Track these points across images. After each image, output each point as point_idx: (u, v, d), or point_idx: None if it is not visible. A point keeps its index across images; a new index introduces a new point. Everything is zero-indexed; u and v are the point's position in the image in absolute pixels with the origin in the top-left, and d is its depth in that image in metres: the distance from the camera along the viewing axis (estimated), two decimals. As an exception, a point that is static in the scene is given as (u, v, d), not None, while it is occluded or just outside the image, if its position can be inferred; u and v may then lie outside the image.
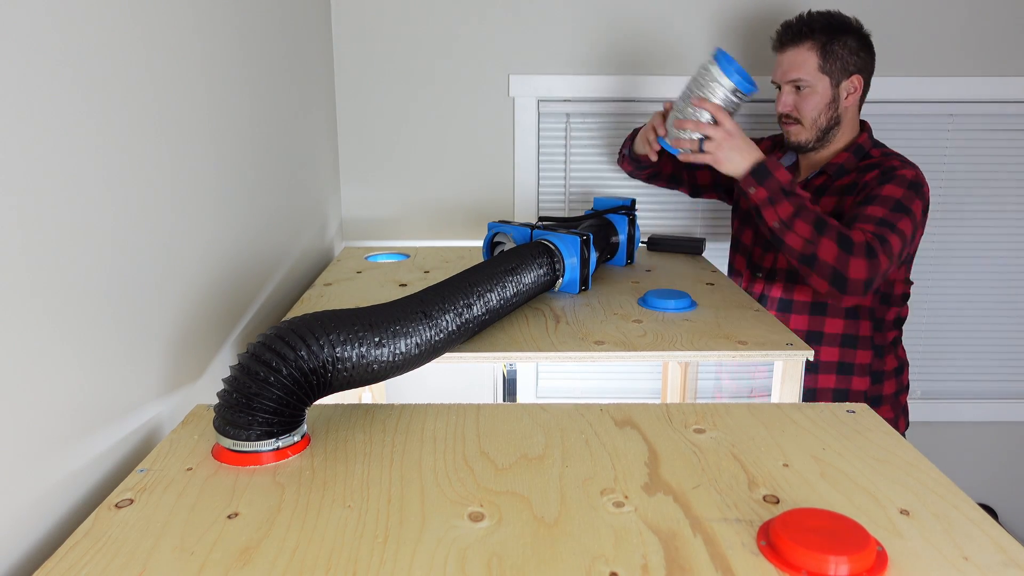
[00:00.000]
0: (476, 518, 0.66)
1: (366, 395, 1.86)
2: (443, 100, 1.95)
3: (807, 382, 1.53)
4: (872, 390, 1.52)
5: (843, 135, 1.51)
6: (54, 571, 0.59)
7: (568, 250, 1.28)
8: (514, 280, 1.10)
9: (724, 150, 1.37)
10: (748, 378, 1.94)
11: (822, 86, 1.46)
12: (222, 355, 1.12)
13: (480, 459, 0.77)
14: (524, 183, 1.99)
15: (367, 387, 1.80)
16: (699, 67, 1.51)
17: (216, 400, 0.97)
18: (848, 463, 0.76)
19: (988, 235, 2.04)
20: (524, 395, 2.15)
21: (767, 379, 1.86)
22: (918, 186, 1.37)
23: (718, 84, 1.36)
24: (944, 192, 2.01)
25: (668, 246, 1.74)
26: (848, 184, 1.46)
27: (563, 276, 1.28)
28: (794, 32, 1.47)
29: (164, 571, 0.59)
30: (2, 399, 0.62)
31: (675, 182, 1.77)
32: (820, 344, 1.51)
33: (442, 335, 0.91)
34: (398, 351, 0.84)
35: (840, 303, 1.33)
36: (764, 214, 1.35)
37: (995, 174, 2.01)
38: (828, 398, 1.52)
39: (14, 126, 0.63)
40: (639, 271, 1.54)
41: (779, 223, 1.33)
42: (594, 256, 1.33)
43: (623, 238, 1.55)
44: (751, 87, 1.37)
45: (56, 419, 0.70)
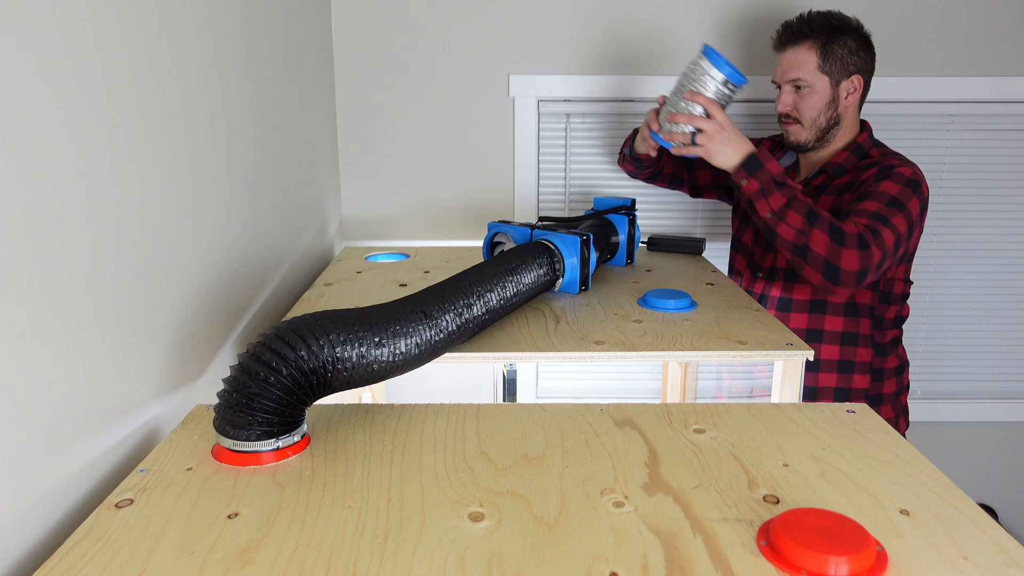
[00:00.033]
0: (476, 518, 0.66)
1: (366, 395, 1.86)
2: (443, 100, 1.95)
3: (808, 381, 1.53)
4: (873, 388, 1.52)
5: (843, 135, 1.51)
6: (54, 571, 0.59)
7: (568, 250, 1.28)
8: (514, 280, 1.10)
9: (716, 142, 1.37)
10: (750, 377, 1.94)
11: (821, 86, 1.46)
12: (222, 355, 1.12)
13: (480, 459, 0.77)
14: (524, 183, 1.99)
15: (367, 387, 1.80)
16: (689, 63, 1.52)
17: (216, 400, 0.97)
18: (848, 463, 0.76)
19: (988, 235, 2.04)
20: (524, 395, 2.15)
21: (768, 379, 1.86)
22: (916, 184, 1.37)
23: (709, 77, 1.38)
24: (944, 192, 2.01)
25: (668, 246, 1.74)
26: (847, 183, 1.46)
27: (563, 276, 1.28)
28: (794, 32, 1.47)
29: (164, 571, 0.59)
30: (2, 399, 0.62)
31: (676, 182, 1.77)
32: (820, 342, 1.51)
33: (442, 335, 0.91)
34: (398, 351, 0.84)
35: (835, 295, 1.33)
36: (756, 206, 1.36)
37: (995, 174, 2.01)
38: (829, 396, 1.52)
39: (14, 126, 0.63)
40: (639, 271, 1.54)
41: (771, 214, 1.34)
42: (594, 256, 1.33)
43: (623, 238, 1.55)
44: (742, 78, 1.38)
45: (56, 419, 0.70)
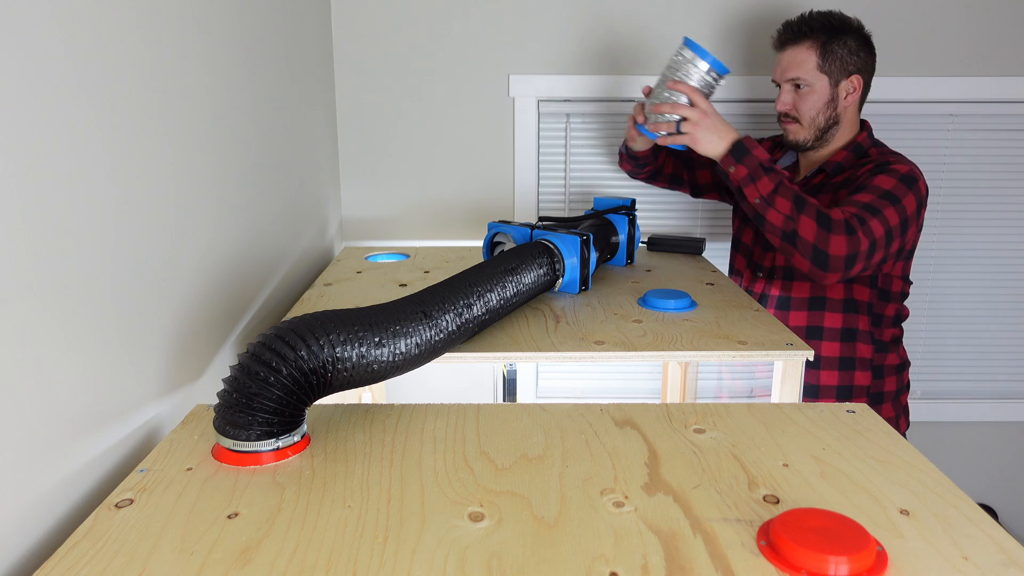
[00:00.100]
0: (476, 518, 0.66)
1: (366, 395, 1.86)
2: (443, 100, 1.95)
3: (811, 379, 1.53)
4: (875, 385, 1.52)
5: (842, 134, 1.51)
6: (54, 571, 0.59)
7: (568, 250, 1.28)
8: (514, 280, 1.10)
9: (700, 130, 1.38)
10: (750, 377, 1.94)
11: (820, 85, 1.46)
12: (222, 355, 1.12)
13: (480, 459, 0.77)
14: (524, 183, 1.99)
15: (367, 387, 1.80)
16: (671, 56, 1.54)
17: (216, 400, 0.97)
18: (848, 463, 0.76)
19: (988, 235, 2.04)
20: (524, 395, 2.15)
21: (768, 379, 1.86)
22: (911, 180, 1.37)
23: (692, 66, 1.38)
24: (944, 192, 2.01)
25: (668, 246, 1.74)
26: (844, 181, 1.46)
27: (563, 276, 1.28)
28: (794, 31, 1.48)
29: (164, 571, 0.59)
30: (3, 399, 0.62)
31: (676, 182, 1.77)
32: (821, 339, 1.51)
33: (442, 335, 0.91)
34: (398, 351, 0.84)
35: (825, 281, 1.34)
36: (745, 192, 1.36)
37: (995, 174, 2.00)
38: (831, 394, 1.52)
39: (14, 126, 0.63)
40: (639, 271, 1.54)
41: (760, 199, 1.34)
42: (594, 256, 1.33)
43: (623, 238, 1.55)
44: (724, 67, 1.39)
45: (56, 419, 0.70)
